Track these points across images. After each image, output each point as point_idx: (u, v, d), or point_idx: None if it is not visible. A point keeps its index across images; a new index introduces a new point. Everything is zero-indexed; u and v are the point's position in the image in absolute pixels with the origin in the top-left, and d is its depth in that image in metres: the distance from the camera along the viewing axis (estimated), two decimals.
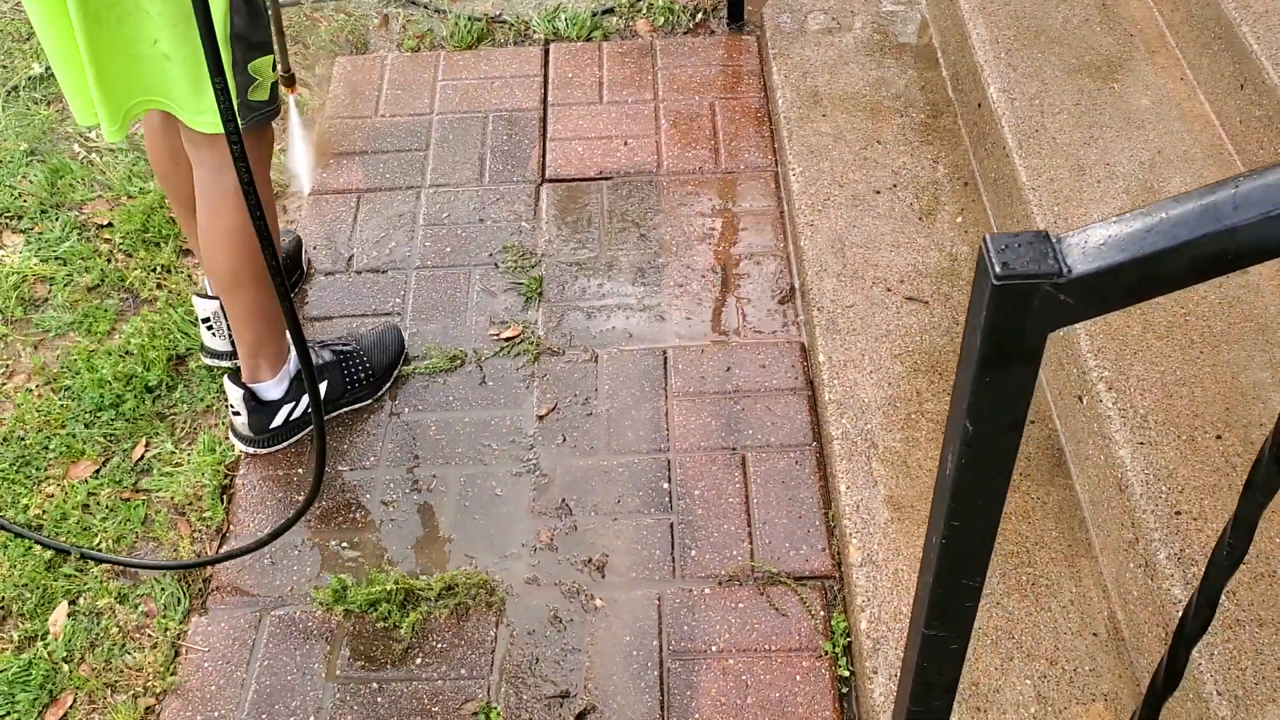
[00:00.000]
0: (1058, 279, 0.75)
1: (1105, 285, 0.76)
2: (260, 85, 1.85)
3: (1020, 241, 0.76)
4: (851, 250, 2.46)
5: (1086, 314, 0.78)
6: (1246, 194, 0.72)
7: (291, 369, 2.24)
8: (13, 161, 2.86)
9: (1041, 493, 2.05)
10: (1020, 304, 0.76)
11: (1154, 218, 0.75)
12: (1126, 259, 0.74)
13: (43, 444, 2.32)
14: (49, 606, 2.10)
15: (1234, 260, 0.74)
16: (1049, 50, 2.57)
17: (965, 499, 0.91)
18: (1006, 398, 0.83)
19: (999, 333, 0.79)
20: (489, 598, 2.05)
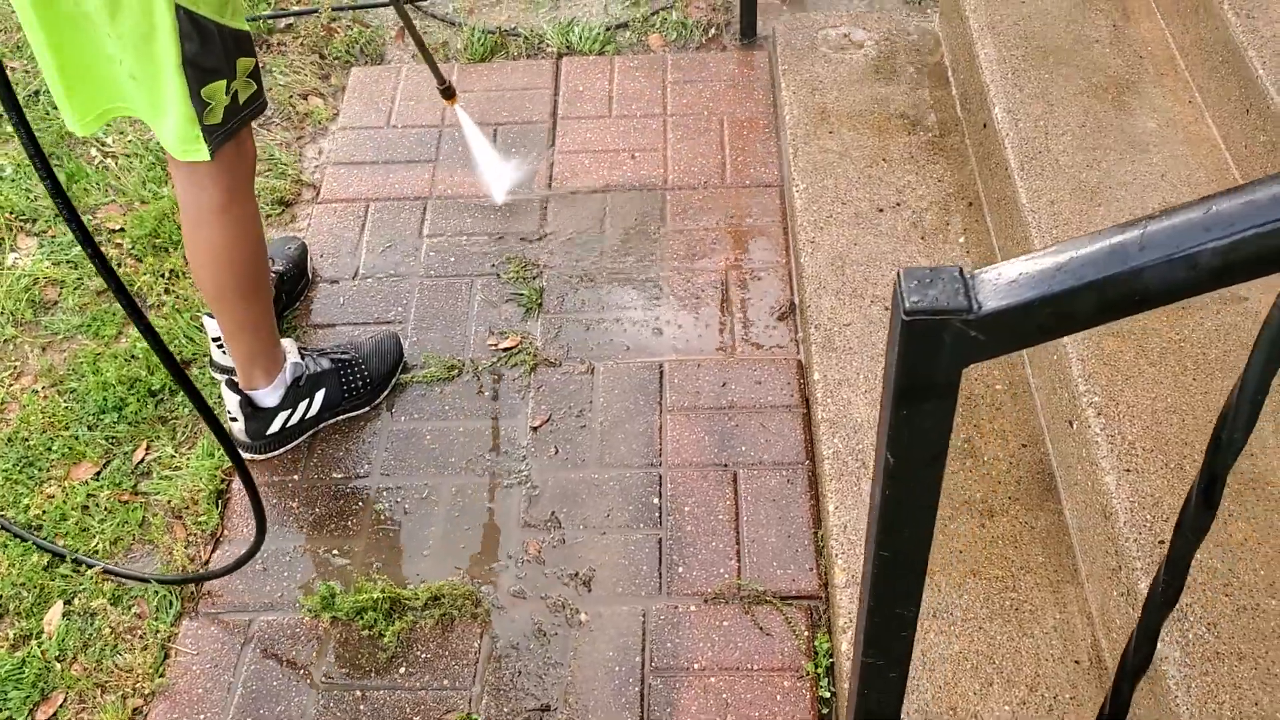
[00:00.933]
0: (967, 315, 0.75)
1: (1016, 322, 0.76)
2: (213, 109, 1.84)
3: (934, 277, 0.77)
4: (851, 268, 2.46)
5: (998, 350, 0.78)
6: (1153, 235, 0.72)
7: (288, 377, 2.27)
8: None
9: (1030, 517, 2.03)
10: (931, 339, 0.76)
11: (1064, 256, 0.75)
12: (1036, 297, 0.74)
13: (46, 445, 2.36)
14: (45, 606, 2.13)
15: (1141, 301, 0.73)
16: (1057, 71, 2.55)
17: (892, 530, 0.91)
18: (924, 431, 0.83)
19: (912, 367, 0.79)
20: (474, 609, 2.06)
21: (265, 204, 2.81)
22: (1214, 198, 0.72)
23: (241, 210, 2.04)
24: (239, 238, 2.05)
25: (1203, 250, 0.71)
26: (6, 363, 2.53)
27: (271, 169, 2.90)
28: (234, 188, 2.01)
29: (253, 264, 2.10)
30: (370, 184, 2.86)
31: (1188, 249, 0.71)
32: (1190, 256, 0.71)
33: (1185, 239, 0.71)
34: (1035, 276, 0.74)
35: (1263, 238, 0.70)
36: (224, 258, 2.06)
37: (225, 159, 1.95)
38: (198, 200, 2.01)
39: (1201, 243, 0.71)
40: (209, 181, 1.98)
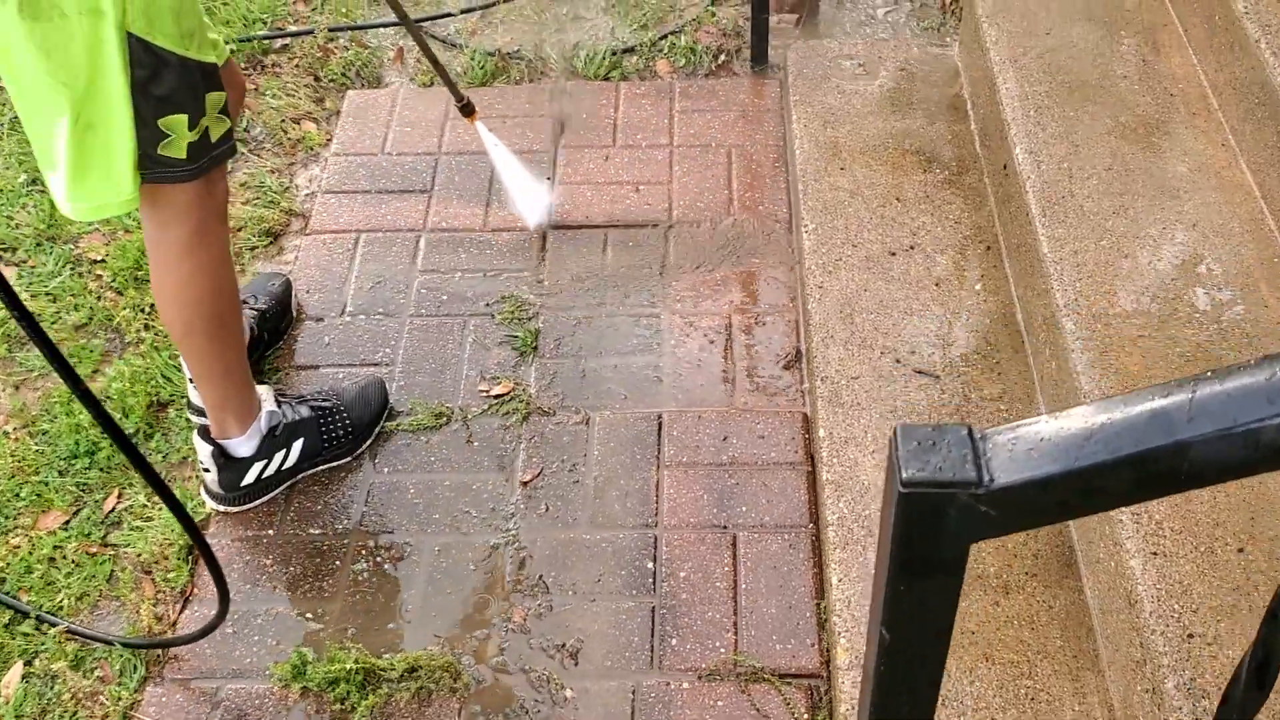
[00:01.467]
0: (976, 489, 0.62)
1: (1033, 499, 0.63)
2: (173, 142, 1.74)
3: (938, 439, 0.64)
4: (861, 316, 2.33)
5: (1014, 527, 0.66)
6: (1204, 403, 0.60)
7: (263, 426, 2.15)
8: (12, 191, 2.82)
9: (1049, 596, 1.90)
10: (933, 514, 0.64)
11: (1095, 420, 0.62)
12: (1059, 471, 0.62)
13: (14, 491, 2.25)
14: (4, 667, 2.02)
15: (1189, 480, 0.61)
16: (1082, 109, 2.42)
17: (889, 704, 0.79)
18: (927, 609, 0.71)
19: (911, 543, 0.66)
20: (453, 682, 1.94)
21: (252, 235, 2.70)
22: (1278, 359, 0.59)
23: (209, 252, 1.93)
24: (206, 278, 1.95)
25: (1265, 427, 0.58)
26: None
27: (260, 197, 2.79)
28: (202, 229, 1.90)
29: (221, 305, 2.00)
30: (362, 214, 2.74)
31: (1247, 424, 0.58)
32: (1251, 433, 0.58)
33: (1244, 410, 0.59)
34: (1060, 445, 0.62)
35: None
36: (190, 298, 1.96)
37: (191, 198, 1.85)
38: (164, 238, 1.91)
39: (1264, 417, 0.58)
40: (175, 221, 1.88)
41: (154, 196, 1.83)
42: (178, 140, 1.75)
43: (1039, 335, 2.19)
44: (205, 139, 1.80)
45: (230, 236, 2.62)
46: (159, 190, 1.82)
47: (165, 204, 1.85)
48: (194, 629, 2.01)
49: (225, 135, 1.84)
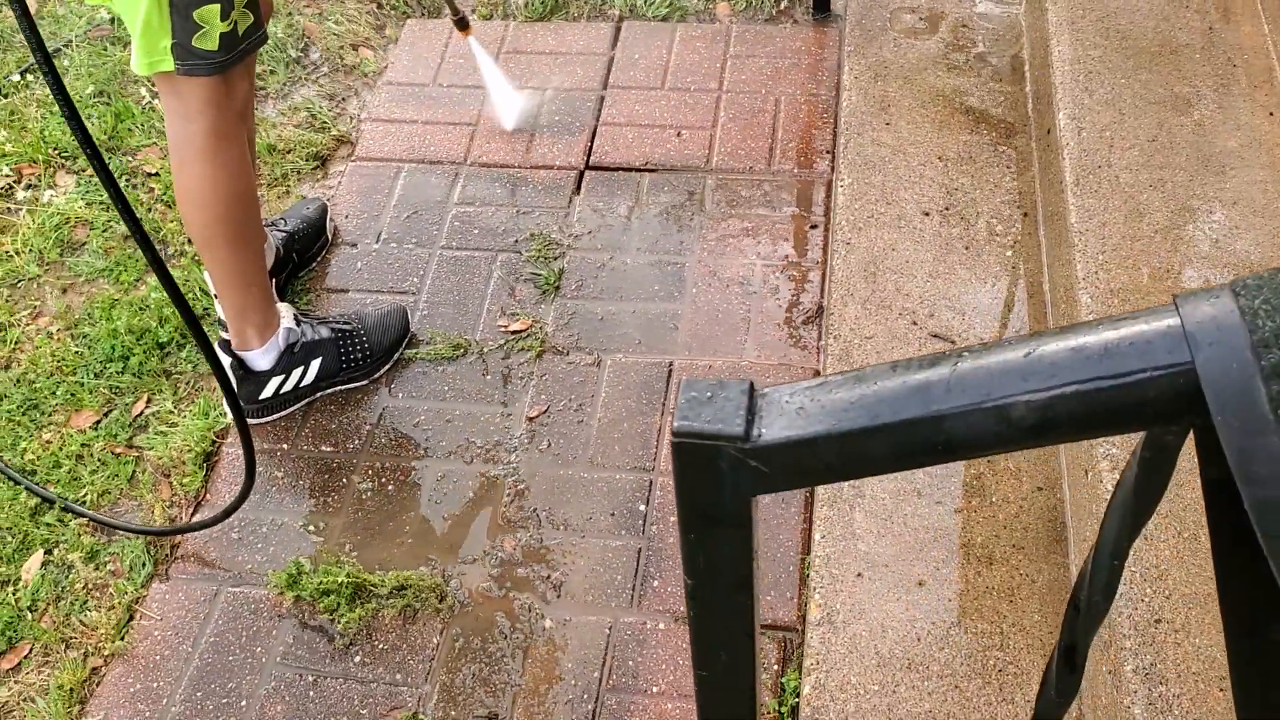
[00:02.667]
0: (742, 443, 0.63)
1: (800, 458, 0.63)
2: (207, 34, 1.79)
3: (716, 392, 0.65)
4: (884, 275, 2.29)
5: (790, 484, 0.66)
6: (965, 376, 0.59)
7: (281, 342, 2.22)
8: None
9: (1032, 569, 1.88)
10: (706, 465, 0.65)
11: (859, 388, 0.62)
12: (822, 433, 0.62)
13: (51, 389, 2.36)
14: (26, 553, 2.13)
15: (946, 451, 0.60)
16: (1135, 76, 2.33)
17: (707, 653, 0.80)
18: (721, 559, 0.71)
19: (692, 493, 0.67)
20: (439, 603, 2.00)
21: (299, 158, 2.76)
22: (1040, 336, 0.59)
23: (229, 153, 1.97)
24: (226, 179, 1.98)
25: (1015, 402, 0.57)
26: (27, 301, 2.54)
27: (311, 122, 2.85)
28: (222, 128, 1.94)
29: (240, 211, 2.04)
30: (407, 144, 2.78)
31: (999, 399, 0.58)
32: (1002, 408, 0.58)
33: (999, 386, 0.58)
34: (825, 407, 0.62)
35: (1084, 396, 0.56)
36: (210, 199, 1.99)
37: (214, 94, 1.89)
38: (185, 133, 1.94)
39: (1015, 393, 0.57)
40: (196, 115, 1.91)
41: (178, 90, 1.88)
42: (211, 32, 1.80)
43: (1060, 307, 2.14)
44: (234, 32, 1.84)
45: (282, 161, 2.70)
46: (184, 84, 1.86)
47: (189, 98, 1.88)
48: (200, 533, 2.10)
49: (251, 28, 1.88)
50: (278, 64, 3.00)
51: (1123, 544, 0.67)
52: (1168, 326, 0.55)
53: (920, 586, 1.86)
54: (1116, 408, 0.57)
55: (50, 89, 1.48)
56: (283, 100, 2.94)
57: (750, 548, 0.71)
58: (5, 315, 2.50)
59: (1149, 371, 0.55)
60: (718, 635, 0.77)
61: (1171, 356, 0.55)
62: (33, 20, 1.44)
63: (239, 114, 1.98)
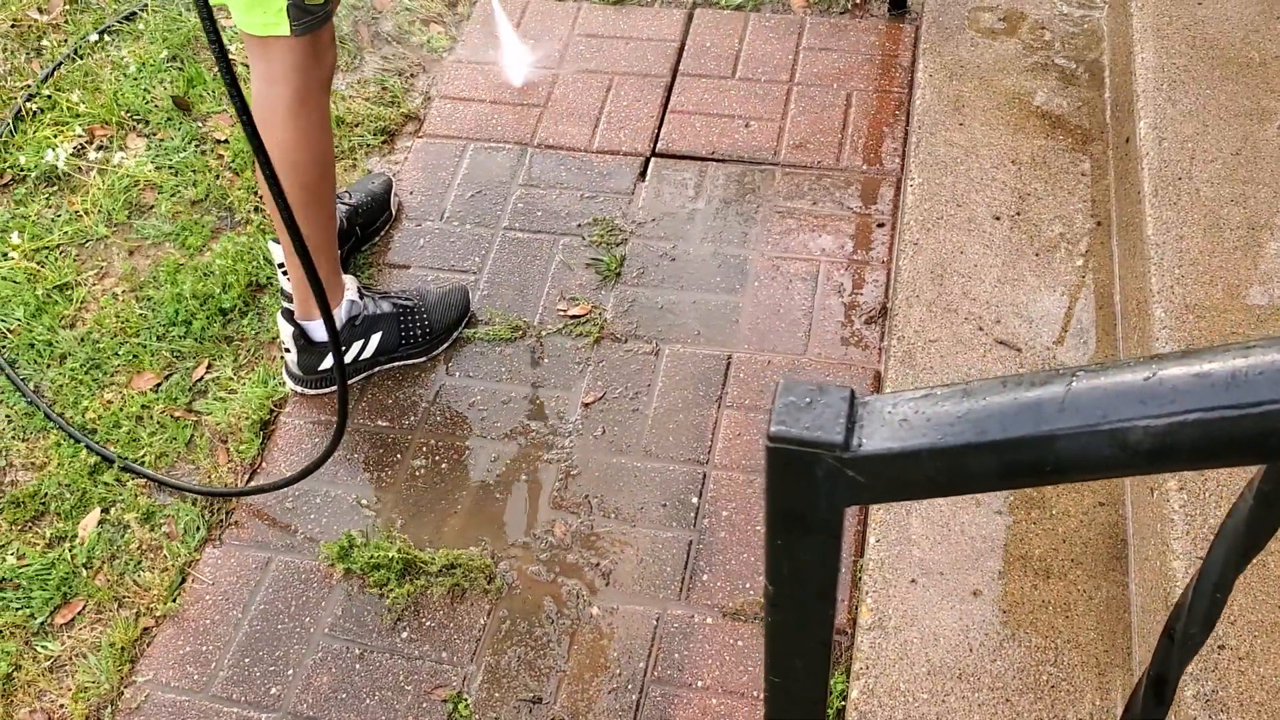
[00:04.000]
0: (842, 453, 0.61)
1: (901, 470, 0.62)
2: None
3: (815, 397, 0.63)
4: (951, 279, 2.26)
5: (887, 497, 0.65)
6: (1080, 395, 0.57)
7: (343, 314, 2.22)
8: (154, 65, 2.94)
9: (1090, 585, 1.84)
10: (802, 472, 0.63)
11: (968, 402, 0.60)
12: (926, 445, 0.60)
13: (114, 350, 2.38)
14: (84, 510, 2.16)
15: (1055, 472, 0.59)
16: (1221, 86, 2.27)
17: (780, 659, 0.79)
18: (805, 566, 0.70)
19: (784, 499, 0.66)
20: (487, 584, 2.00)
21: (367, 132, 2.76)
22: (1162, 359, 0.57)
23: (310, 118, 1.99)
24: (305, 143, 2.00)
25: (1133, 427, 0.55)
26: (94, 262, 2.56)
27: (380, 96, 2.85)
28: (307, 90, 1.96)
29: (315, 176, 2.05)
30: (474, 123, 2.78)
31: (1116, 421, 0.56)
32: (1118, 431, 0.56)
33: (1117, 409, 0.56)
34: (930, 420, 0.60)
35: (1206, 425, 0.54)
36: (289, 162, 1.98)
37: (301, 59, 1.91)
38: (270, 95, 1.96)
39: (1133, 418, 0.55)
40: (281, 78, 1.93)
41: (268, 54, 1.90)
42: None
43: (1131, 320, 2.10)
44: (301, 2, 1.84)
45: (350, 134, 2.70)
46: (274, 48, 1.88)
47: (277, 62, 1.91)
48: (253, 501, 2.12)
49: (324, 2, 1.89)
50: (347, 37, 3.00)
51: (1229, 575, 0.64)
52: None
53: (975, 596, 1.84)
54: (1240, 438, 0.54)
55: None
56: (352, 74, 2.94)
57: (837, 558, 0.70)
58: (72, 274, 2.52)
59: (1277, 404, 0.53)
60: (795, 643, 0.76)
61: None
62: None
63: (323, 81, 1.99)
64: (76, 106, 2.85)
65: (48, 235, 2.60)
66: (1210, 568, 0.65)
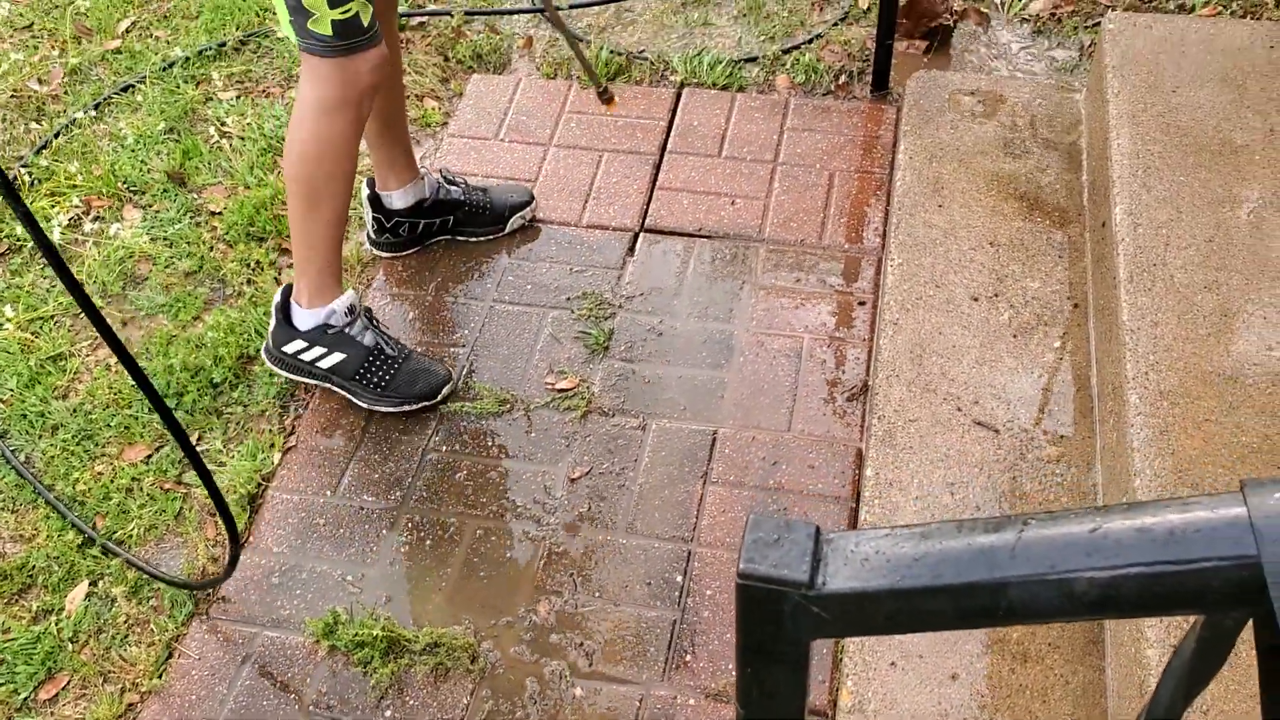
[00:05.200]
0: (808, 590, 0.64)
1: (862, 610, 0.65)
2: (319, 20, 1.97)
3: (783, 534, 0.66)
4: (930, 359, 2.30)
5: (849, 632, 0.67)
6: (1029, 544, 0.60)
7: (323, 317, 2.31)
8: (151, 137, 2.99)
9: (1067, 670, 1.87)
10: (770, 607, 0.66)
11: (925, 545, 0.63)
12: (885, 588, 0.63)
13: (106, 421, 2.41)
14: (71, 583, 2.17)
15: (1005, 616, 0.62)
16: (1195, 174, 2.34)
17: None
18: (774, 696, 0.73)
19: (752, 631, 0.69)
20: (470, 664, 2.01)
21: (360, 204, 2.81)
22: (1107, 512, 0.60)
23: (333, 128, 2.11)
24: (320, 150, 2.13)
25: (1078, 578, 0.59)
26: (89, 333, 2.59)
27: None
28: (335, 105, 2.09)
29: (321, 181, 2.17)
30: None
31: (1063, 572, 0.59)
32: (1066, 582, 0.59)
33: (1064, 559, 0.59)
34: (890, 561, 0.63)
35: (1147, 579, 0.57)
36: (300, 155, 2.14)
37: (331, 71, 2.05)
38: (299, 96, 2.12)
39: (1079, 569, 0.59)
40: (316, 83, 2.08)
41: (305, 56, 2.06)
42: (322, 19, 1.97)
43: (1107, 404, 2.14)
44: (353, 20, 1.99)
45: None
46: (305, 57, 2.06)
47: (309, 67, 2.07)
48: (240, 575, 2.14)
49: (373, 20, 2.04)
50: None
51: (1176, 709, 0.67)
52: (1234, 516, 0.57)
53: (953, 680, 1.86)
54: (1179, 592, 0.58)
55: None
56: None
57: (804, 687, 0.72)
58: (66, 345, 2.55)
59: (1213, 561, 0.56)
60: None
61: (1237, 548, 0.56)
62: None
63: (358, 98, 2.09)
64: (74, 177, 2.90)
65: (42, 306, 2.63)
66: (1158, 704, 0.68)
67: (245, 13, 3.36)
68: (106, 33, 3.34)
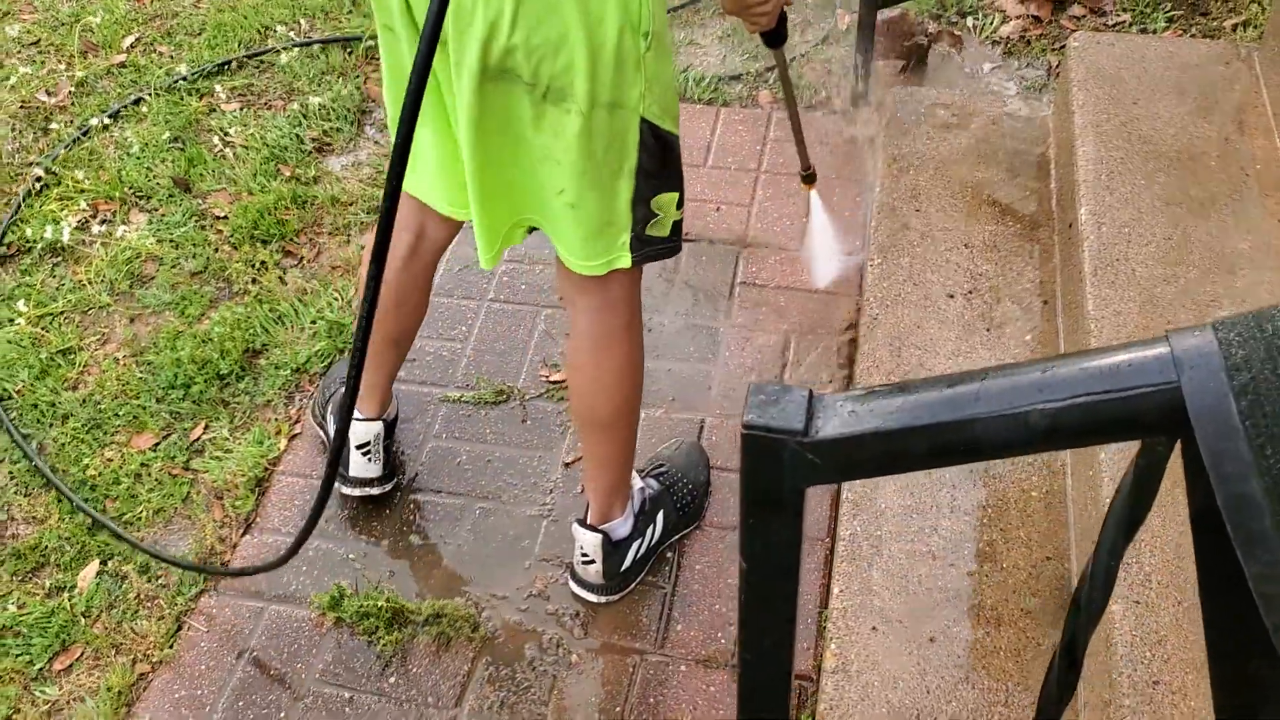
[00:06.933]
0: (802, 438, 0.75)
1: (850, 452, 0.76)
2: (660, 221, 1.77)
3: (781, 395, 0.77)
4: (909, 352, 2.42)
5: (837, 476, 0.79)
6: (990, 389, 0.72)
7: (636, 502, 2.14)
8: (157, 146, 3.10)
9: (1039, 633, 1.97)
10: (770, 456, 0.77)
11: (904, 396, 0.74)
12: (869, 430, 0.74)
13: (115, 411, 2.50)
14: (83, 562, 2.25)
15: (971, 451, 0.73)
16: (1154, 178, 2.48)
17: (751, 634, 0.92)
18: (773, 544, 0.83)
19: (755, 480, 0.79)
20: (472, 633, 2.10)
21: (361, 211, 2.92)
22: (1058, 359, 0.71)
23: (640, 334, 1.95)
24: (639, 361, 1.97)
25: (1032, 410, 0.70)
26: (97, 329, 2.68)
27: (376, 177, 3.01)
28: (637, 315, 1.93)
29: (640, 390, 2.02)
30: None
31: (1019, 407, 0.70)
32: (1022, 415, 0.70)
33: (1019, 397, 0.71)
34: (873, 410, 0.74)
35: (1089, 407, 0.68)
36: (629, 379, 1.96)
37: (635, 283, 1.88)
38: (606, 322, 1.90)
39: (1033, 403, 0.70)
40: (620, 305, 1.88)
41: (605, 284, 1.83)
42: (664, 219, 1.79)
43: None
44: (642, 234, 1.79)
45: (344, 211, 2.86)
46: (613, 278, 1.82)
47: (615, 289, 1.85)
48: (249, 554, 2.22)
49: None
50: (344, 123, 3.18)
51: (1119, 545, 0.78)
52: (1159, 353, 0.68)
53: (931, 643, 1.96)
54: (1116, 418, 0.69)
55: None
56: (346, 156, 3.11)
57: (799, 537, 0.83)
58: (75, 339, 2.64)
59: (1142, 388, 0.68)
60: (764, 619, 0.89)
61: (1161, 376, 0.67)
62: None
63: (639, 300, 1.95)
64: (82, 183, 3.00)
65: (52, 303, 2.72)
66: (1104, 541, 0.79)
67: (248, 29, 3.48)
68: (112, 48, 3.45)
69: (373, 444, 2.26)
